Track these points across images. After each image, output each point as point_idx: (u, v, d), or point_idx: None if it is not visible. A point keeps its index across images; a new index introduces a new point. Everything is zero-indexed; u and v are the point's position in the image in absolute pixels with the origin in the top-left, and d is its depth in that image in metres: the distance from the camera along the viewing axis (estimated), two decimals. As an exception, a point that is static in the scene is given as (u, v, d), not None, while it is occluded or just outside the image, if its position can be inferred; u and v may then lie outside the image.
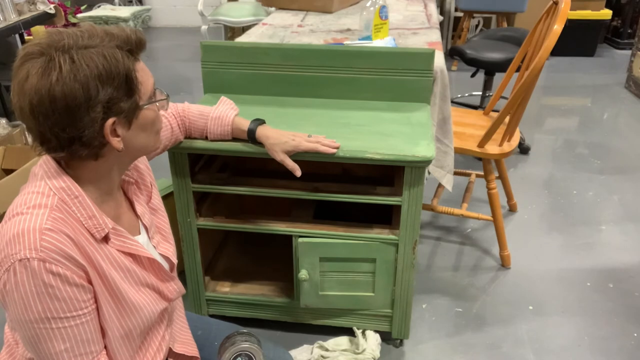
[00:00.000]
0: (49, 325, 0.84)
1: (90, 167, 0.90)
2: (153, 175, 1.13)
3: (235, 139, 1.45)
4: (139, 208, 1.05)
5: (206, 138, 1.46)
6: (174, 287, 1.07)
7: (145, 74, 0.90)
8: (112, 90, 0.83)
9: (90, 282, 0.88)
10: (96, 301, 0.90)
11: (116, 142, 0.87)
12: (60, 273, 0.82)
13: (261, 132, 1.40)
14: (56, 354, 0.86)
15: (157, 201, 1.13)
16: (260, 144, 1.42)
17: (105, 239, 0.92)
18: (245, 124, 1.42)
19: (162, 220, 1.12)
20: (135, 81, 0.87)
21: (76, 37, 0.83)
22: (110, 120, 0.85)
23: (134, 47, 0.87)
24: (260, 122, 1.42)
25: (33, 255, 0.80)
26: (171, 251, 1.09)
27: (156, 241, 1.07)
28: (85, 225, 0.88)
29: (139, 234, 1.04)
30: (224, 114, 1.43)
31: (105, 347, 0.93)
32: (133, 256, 0.97)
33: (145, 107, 0.90)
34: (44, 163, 0.90)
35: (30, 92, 0.80)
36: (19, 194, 0.89)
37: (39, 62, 0.80)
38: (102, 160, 0.90)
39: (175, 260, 1.10)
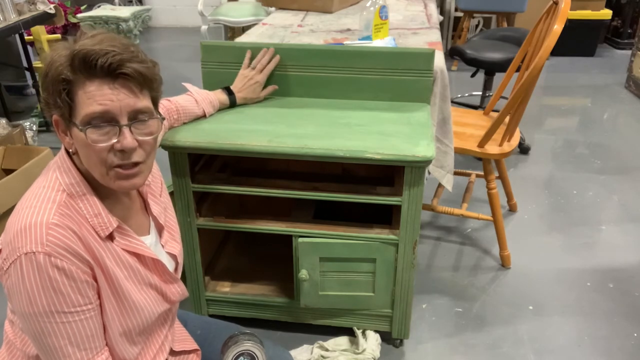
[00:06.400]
0: (53, 320, 0.85)
1: None
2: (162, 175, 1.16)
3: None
4: (155, 208, 1.06)
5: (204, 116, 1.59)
6: (177, 290, 1.08)
7: (88, 98, 0.84)
8: (47, 87, 0.87)
9: (95, 278, 0.89)
10: (99, 298, 0.91)
11: (67, 141, 0.90)
12: (65, 268, 0.84)
13: (238, 99, 1.64)
14: (60, 348, 0.87)
15: (166, 199, 1.14)
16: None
17: (110, 237, 0.93)
18: (224, 99, 1.62)
19: (171, 218, 1.13)
20: (64, 94, 0.84)
21: (85, 36, 0.87)
22: (55, 114, 0.88)
23: (76, 64, 0.84)
24: (229, 91, 1.63)
25: (39, 249, 0.82)
26: (177, 250, 1.10)
27: (164, 240, 1.08)
28: (91, 223, 0.90)
29: (148, 234, 1.05)
30: (206, 95, 1.57)
31: (107, 344, 0.94)
32: (138, 256, 0.98)
33: (79, 128, 0.86)
34: (59, 158, 0.93)
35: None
36: (32, 185, 0.92)
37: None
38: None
39: (181, 261, 1.11)
